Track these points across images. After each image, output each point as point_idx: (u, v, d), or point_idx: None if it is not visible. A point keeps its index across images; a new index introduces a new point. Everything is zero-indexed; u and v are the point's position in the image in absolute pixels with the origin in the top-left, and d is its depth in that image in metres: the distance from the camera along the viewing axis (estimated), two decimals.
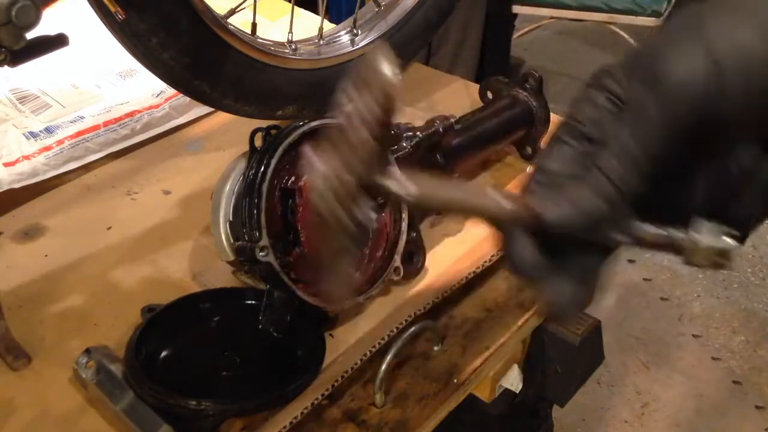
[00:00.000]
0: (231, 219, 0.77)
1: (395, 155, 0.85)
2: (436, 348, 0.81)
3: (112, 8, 0.77)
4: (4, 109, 1.09)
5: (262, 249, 0.71)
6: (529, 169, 1.02)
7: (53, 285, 0.87)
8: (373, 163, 0.43)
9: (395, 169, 0.46)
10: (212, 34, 0.84)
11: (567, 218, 0.43)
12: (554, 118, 1.05)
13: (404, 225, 0.83)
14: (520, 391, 0.94)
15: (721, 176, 0.44)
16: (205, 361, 0.75)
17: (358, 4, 1.04)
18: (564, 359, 0.96)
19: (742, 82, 0.39)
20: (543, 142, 1.04)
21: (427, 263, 0.87)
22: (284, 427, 0.68)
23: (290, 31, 0.97)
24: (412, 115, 1.13)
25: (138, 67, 0.86)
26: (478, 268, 0.84)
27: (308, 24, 1.13)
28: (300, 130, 0.77)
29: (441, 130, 0.89)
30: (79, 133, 1.04)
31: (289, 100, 0.97)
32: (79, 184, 1.02)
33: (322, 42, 1.02)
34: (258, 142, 0.78)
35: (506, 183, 1.01)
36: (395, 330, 0.77)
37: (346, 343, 0.79)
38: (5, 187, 0.96)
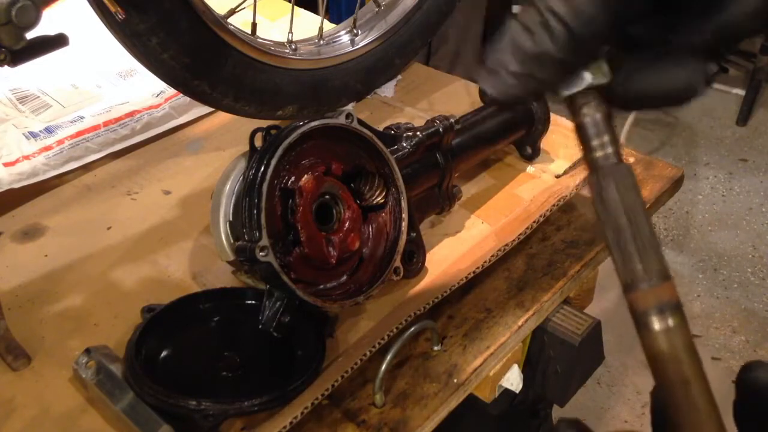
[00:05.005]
0: (231, 219, 0.77)
1: (395, 155, 0.85)
2: (436, 348, 0.81)
3: (112, 8, 0.77)
4: (4, 109, 1.10)
5: (262, 249, 0.71)
6: (530, 169, 1.02)
7: (53, 285, 0.87)
8: None
9: None
10: (212, 34, 0.84)
11: None
12: (554, 118, 1.05)
13: (404, 225, 0.83)
14: (520, 391, 0.94)
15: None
16: (205, 361, 0.75)
17: (358, 4, 1.04)
18: (564, 359, 0.96)
19: None
20: (543, 143, 1.04)
21: (427, 263, 0.87)
22: (284, 427, 0.68)
23: (290, 31, 0.97)
24: (412, 115, 1.13)
25: (138, 67, 0.86)
26: (478, 268, 0.84)
27: (308, 24, 1.13)
28: (300, 130, 0.77)
29: (441, 130, 0.89)
30: (79, 133, 1.04)
31: (289, 100, 0.97)
32: (79, 184, 1.02)
33: (322, 42, 1.02)
34: (258, 142, 0.78)
35: (506, 183, 1.01)
36: (395, 330, 0.77)
37: (346, 343, 0.79)
38: (5, 187, 0.96)
